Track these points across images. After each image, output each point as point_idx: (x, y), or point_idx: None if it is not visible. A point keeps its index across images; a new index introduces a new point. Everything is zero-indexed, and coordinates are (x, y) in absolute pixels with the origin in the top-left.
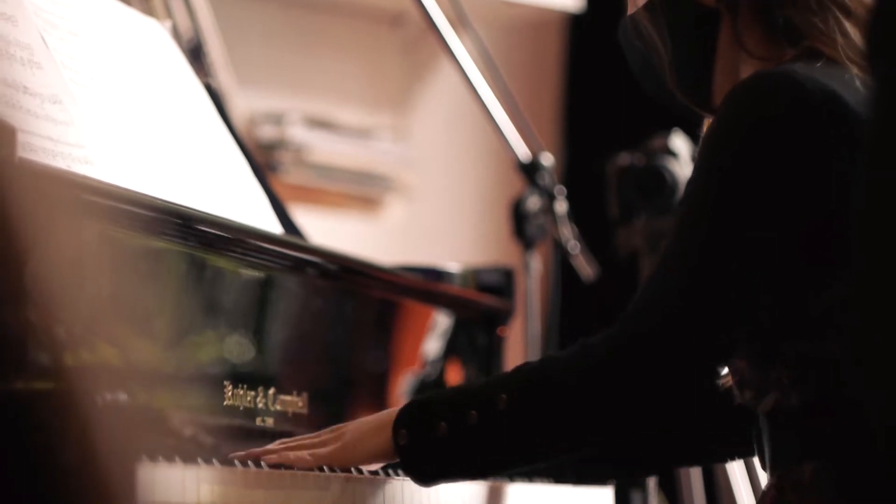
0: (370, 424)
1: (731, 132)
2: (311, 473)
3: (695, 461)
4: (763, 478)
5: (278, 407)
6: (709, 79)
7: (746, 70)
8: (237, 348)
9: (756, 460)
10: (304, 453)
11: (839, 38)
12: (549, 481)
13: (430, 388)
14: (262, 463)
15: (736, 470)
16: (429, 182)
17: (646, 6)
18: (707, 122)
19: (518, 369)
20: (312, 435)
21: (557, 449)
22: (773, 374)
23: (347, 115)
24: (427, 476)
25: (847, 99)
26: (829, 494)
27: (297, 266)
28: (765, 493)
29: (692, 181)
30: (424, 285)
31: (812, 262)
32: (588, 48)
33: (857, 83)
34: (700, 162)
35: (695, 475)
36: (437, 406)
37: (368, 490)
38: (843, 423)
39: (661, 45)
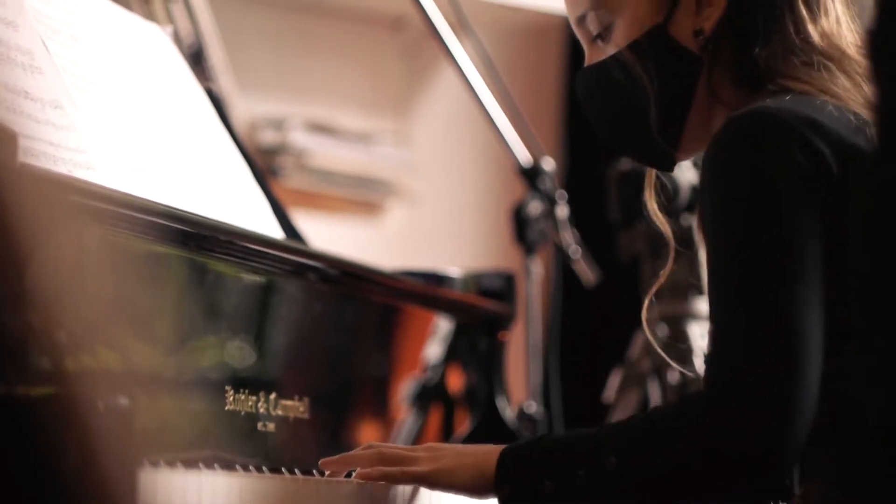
0: (469, 459)
1: (735, 182)
2: (313, 479)
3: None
4: None
5: (279, 412)
6: (681, 123)
7: (717, 116)
8: (238, 353)
9: None
10: (397, 470)
11: (813, 75)
12: None
13: (430, 393)
14: (264, 467)
15: None
16: (430, 187)
17: (631, 48)
18: (650, 174)
19: (625, 425)
20: (409, 448)
21: None
22: None
23: (348, 119)
24: None
25: (822, 120)
26: (838, 491)
27: (299, 271)
28: None
29: (718, 252)
30: (425, 290)
31: (831, 279)
32: None
33: (830, 107)
34: (715, 226)
35: None
36: (542, 462)
37: (379, 495)
38: (854, 420)
39: (647, 85)
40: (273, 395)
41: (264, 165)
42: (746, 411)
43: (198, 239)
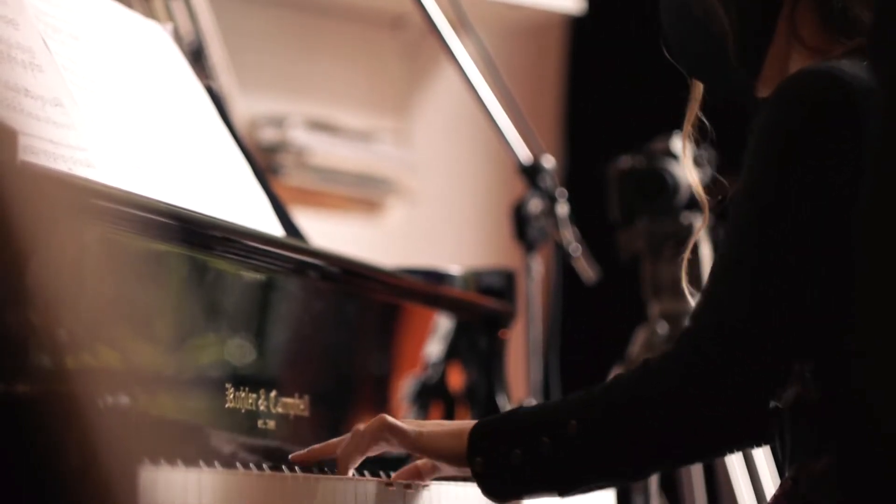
0: (449, 429)
1: (778, 133)
2: (313, 476)
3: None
4: (764, 477)
5: (280, 409)
6: (761, 56)
7: (796, 58)
8: (239, 351)
9: (756, 461)
10: (373, 430)
11: None
12: None
13: (431, 391)
14: (264, 465)
15: (737, 470)
16: (430, 185)
17: None
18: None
19: (588, 393)
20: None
21: (630, 471)
22: (797, 367)
23: (349, 117)
24: (503, 497)
25: None
26: (838, 489)
27: (299, 269)
28: (781, 484)
29: (742, 188)
30: (426, 288)
31: (837, 258)
32: (589, 51)
33: None
34: (749, 165)
35: (696, 476)
36: (510, 432)
37: (377, 494)
38: (856, 418)
39: (724, 16)
40: (273, 393)
41: (265, 163)
42: (708, 374)
43: (198, 237)
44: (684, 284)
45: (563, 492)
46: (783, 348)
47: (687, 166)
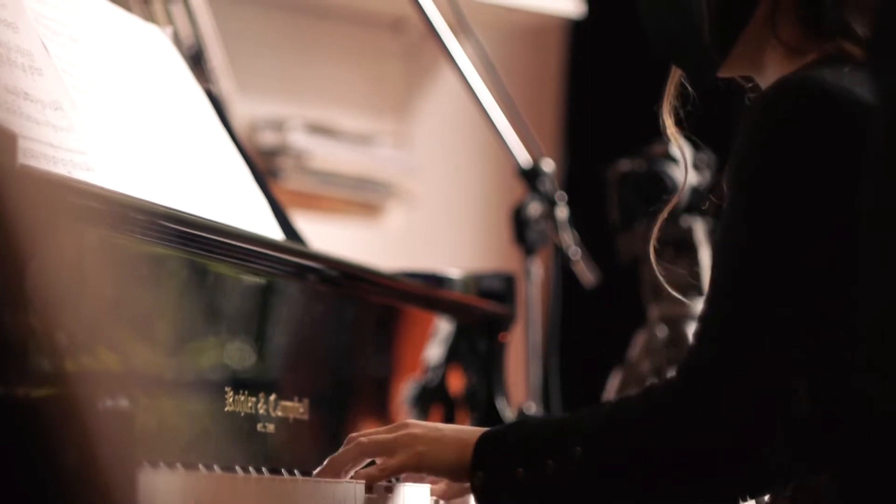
0: (447, 443)
1: (763, 144)
2: (312, 480)
3: None
4: None
5: (279, 413)
6: (733, 37)
7: (770, 52)
8: (238, 354)
9: None
10: (376, 472)
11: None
12: None
13: (431, 395)
14: (263, 469)
15: None
16: (429, 188)
17: None
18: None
19: (594, 415)
20: (386, 430)
21: (634, 500)
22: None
23: (348, 121)
24: None
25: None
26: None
27: (298, 272)
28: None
29: (729, 199)
30: (425, 291)
31: (832, 268)
32: (589, 54)
33: None
34: (732, 179)
35: None
36: (516, 449)
37: (377, 499)
38: (856, 434)
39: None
40: (273, 397)
41: (264, 167)
42: (714, 404)
43: (198, 240)
44: (652, 256)
45: None
46: (788, 372)
47: (669, 128)
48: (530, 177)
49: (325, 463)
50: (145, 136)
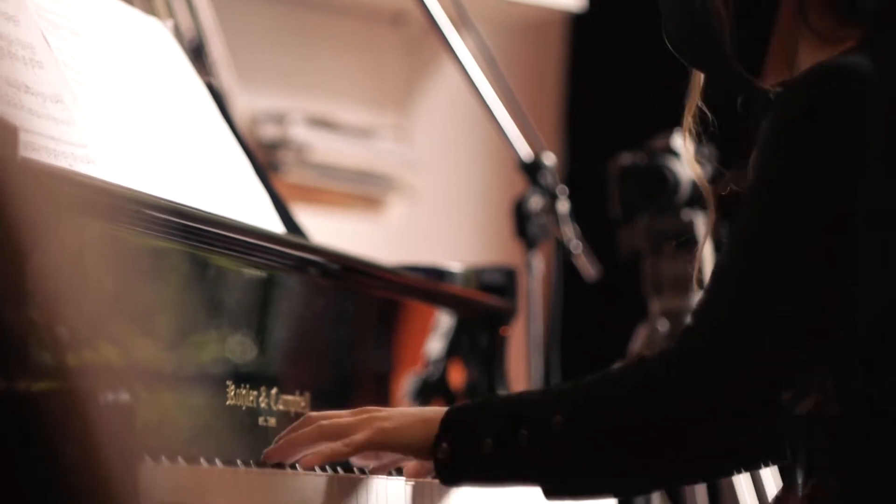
0: (413, 421)
1: (787, 134)
2: (313, 473)
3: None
4: (766, 478)
5: (281, 406)
6: (764, 46)
7: (804, 45)
8: (239, 348)
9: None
10: (340, 445)
11: None
12: None
13: (432, 388)
14: (266, 462)
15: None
16: (430, 181)
17: None
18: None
19: (575, 385)
20: (347, 414)
21: (617, 479)
22: (818, 376)
23: (349, 114)
24: (457, 483)
25: None
26: None
27: (300, 265)
28: (787, 489)
29: (749, 186)
30: (426, 285)
31: (842, 264)
32: (590, 47)
33: None
34: (758, 166)
35: None
36: (486, 419)
37: (374, 489)
38: (876, 438)
39: (721, 6)
40: (274, 390)
41: (265, 160)
42: (706, 374)
43: (199, 233)
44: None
45: (549, 492)
46: (786, 352)
47: (688, 161)
48: (531, 170)
49: (278, 441)
50: (146, 130)
